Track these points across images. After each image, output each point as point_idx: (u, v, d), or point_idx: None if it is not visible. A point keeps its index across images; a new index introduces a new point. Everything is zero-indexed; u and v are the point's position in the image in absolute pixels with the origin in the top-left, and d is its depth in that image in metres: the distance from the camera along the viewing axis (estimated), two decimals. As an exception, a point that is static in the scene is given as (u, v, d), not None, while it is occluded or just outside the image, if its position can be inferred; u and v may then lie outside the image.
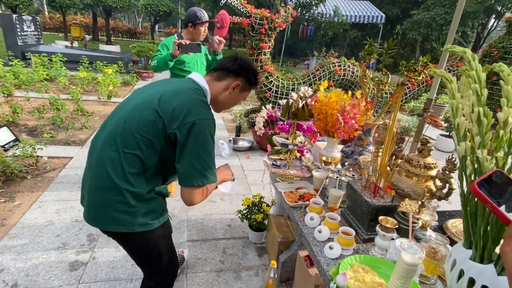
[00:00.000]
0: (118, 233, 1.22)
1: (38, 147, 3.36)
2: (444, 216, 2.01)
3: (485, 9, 12.59)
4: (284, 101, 1.95)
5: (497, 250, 0.88)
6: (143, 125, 1.14)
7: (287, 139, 2.00)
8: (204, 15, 2.72)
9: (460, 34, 13.40)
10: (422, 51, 15.85)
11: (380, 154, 1.47)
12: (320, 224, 1.44)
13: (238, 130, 4.84)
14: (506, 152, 0.81)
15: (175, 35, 2.81)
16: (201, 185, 1.18)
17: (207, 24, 2.79)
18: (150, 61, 2.72)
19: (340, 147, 2.10)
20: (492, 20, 14.50)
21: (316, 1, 14.10)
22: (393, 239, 1.24)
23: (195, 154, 1.15)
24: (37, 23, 10.37)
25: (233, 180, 1.54)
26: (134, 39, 23.98)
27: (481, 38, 14.53)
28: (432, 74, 0.87)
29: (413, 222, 1.26)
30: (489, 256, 0.86)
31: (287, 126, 2.13)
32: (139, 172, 1.16)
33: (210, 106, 1.31)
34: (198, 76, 1.31)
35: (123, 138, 1.15)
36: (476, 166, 0.85)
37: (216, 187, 1.38)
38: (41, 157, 3.53)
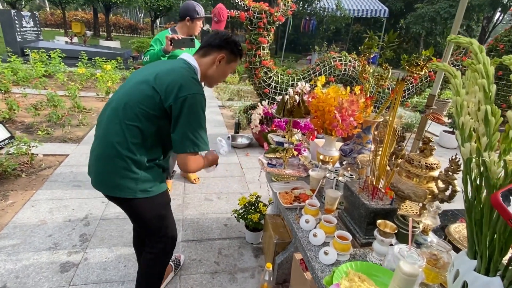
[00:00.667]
0: (121, 198, 1.36)
1: (33, 144, 3.31)
2: (447, 215, 1.93)
3: (491, 2, 12.34)
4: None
5: (505, 261, 0.81)
6: (142, 99, 1.29)
7: (284, 137, 1.92)
8: (202, 10, 2.66)
9: (464, 28, 13.16)
10: (426, 45, 15.62)
11: (379, 153, 1.39)
12: (315, 227, 1.37)
13: (237, 127, 4.76)
14: (516, 154, 0.73)
15: (169, 29, 2.74)
16: (193, 152, 1.33)
17: (203, 19, 2.71)
18: (143, 56, 2.64)
19: (339, 145, 2.03)
20: (498, 14, 14.23)
21: (318, -5, 13.90)
22: (392, 244, 1.17)
23: (187, 125, 1.29)
24: (36, 19, 10.30)
25: (216, 165, 1.70)
26: (135, 35, 23.88)
27: (487, 32, 14.28)
28: (435, 68, 0.79)
29: (414, 227, 1.19)
30: (495, 268, 0.79)
31: (284, 123, 2.05)
32: (140, 142, 1.31)
33: (203, 82, 1.49)
34: (188, 56, 1.44)
35: (125, 111, 1.29)
36: (482, 169, 0.77)
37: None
38: (36, 154, 3.48)
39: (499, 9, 13.60)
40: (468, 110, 0.80)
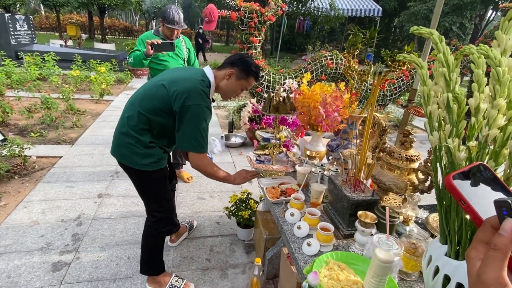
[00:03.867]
0: (128, 167, 1.65)
1: (26, 146, 3.32)
2: (435, 210, 1.96)
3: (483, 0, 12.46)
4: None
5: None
6: (156, 97, 1.55)
7: (273, 134, 1.95)
8: (174, 18, 2.60)
9: (458, 25, 13.27)
10: (420, 43, 15.72)
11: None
12: (300, 220, 1.39)
13: (231, 126, 4.78)
14: (480, 141, 0.76)
15: (152, 30, 2.77)
16: (194, 151, 1.57)
17: (179, 30, 2.70)
18: (127, 57, 2.66)
19: (326, 141, 2.05)
20: (490, 11, 14.36)
21: (312, -5, 13.95)
22: (372, 234, 1.20)
23: (189, 130, 1.52)
24: (31, 22, 10.29)
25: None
26: (131, 37, 23.83)
27: (479, 29, 14.40)
28: (402, 59, 0.81)
29: (394, 217, 1.21)
30: (464, 252, 0.82)
31: (272, 120, 2.07)
32: (147, 128, 1.59)
33: (219, 93, 1.72)
34: (209, 70, 1.65)
35: (141, 102, 1.58)
36: (448, 156, 0.80)
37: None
38: (30, 156, 3.49)
39: (491, 7, 13.72)
40: (436, 100, 0.83)
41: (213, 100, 1.75)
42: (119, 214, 2.65)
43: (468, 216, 0.78)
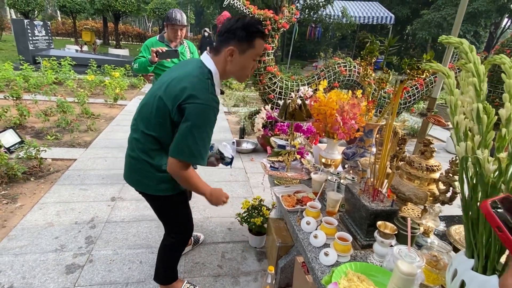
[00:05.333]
0: (144, 193, 1.54)
1: (42, 149, 3.39)
2: (453, 221, 1.91)
3: (498, 8, 12.27)
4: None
5: (502, 260, 0.81)
6: (155, 111, 1.34)
7: (287, 140, 1.94)
8: (177, 17, 2.64)
9: (472, 34, 13.09)
10: (433, 51, 15.55)
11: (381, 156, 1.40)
12: (316, 229, 1.38)
13: (242, 132, 4.79)
14: (510, 152, 0.74)
15: (157, 36, 2.82)
16: (185, 160, 1.32)
17: (183, 29, 2.74)
18: (132, 63, 2.71)
19: (341, 148, 2.03)
20: (506, 19, 14.13)
21: (323, 2, 13.99)
22: (392, 245, 1.17)
23: (188, 134, 1.27)
24: (48, 28, 10.59)
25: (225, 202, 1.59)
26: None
27: (494, 37, 14.17)
28: (427, 68, 0.80)
29: (414, 228, 1.19)
30: (492, 267, 0.79)
31: (286, 127, 2.07)
32: (158, 148, 1.41)
33: (231, 78, 1.51)
34: (206, 58, 1.37)
35: (142, 121, 1.41)
36: (477, 168, 0.78)
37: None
38: (45, 159, 3.56)
39: (507, 15, 13.51)
40: (463, 110, 0.82)
41: (222, 92, 1.52)
42: (132, 217, 2.67)
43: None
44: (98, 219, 2.62)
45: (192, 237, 2.35)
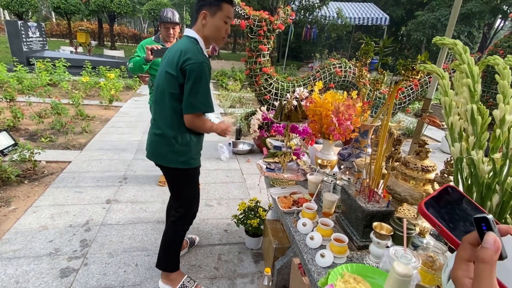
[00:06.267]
0: (164, 166, 1.76)
1: (36, 151, 3.35)
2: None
3: (491, 9, 12.40)
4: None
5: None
6: (167, 83, 1.58)
7: (283, 141, 1.94)
8: (168, 15, 2.68)
9: (466, 34, 13.21)
10: (427, 52, 15.65)
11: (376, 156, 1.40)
12: (312, 231, 1.37)
13: (238, 133, 4.78)
14: (504, 153, 0.74)
15: (152, 37, 2.84)
16: (196, 113, 1.59)
17: (175, 27, 2.75)
18: (128, 62, 2.71)
19: (337, 149, 2.03)
20: (499, 20, 14.29)
21: (318, 4, 14.04)
22: (388, 246, 1.17)
23: (193, 90, 1.53)
24: (42, 29, 10.50)
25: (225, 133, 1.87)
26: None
27: (488, 38, 14.32)
28: (423, 69, 0.80)
29: (410, 229, 1.19)
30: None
31: (282, 128, 2.06)
32: (179, 120, 1.62)
33: (212, 44, 1.68)
34: (188, 30, 1.64)
35: (161, 96, 1.63)
36: (472, 169, 0.78)
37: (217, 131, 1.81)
38: (39, 161, 3.52)
39: (500, 16, 13.66)
40: (457, 111, 0.82)
41: (210, 56, 1.74)
42: (127, 220, 2.65)
43: None
44: (93, 222, 2.59)
45: (187, 239, 2.35)
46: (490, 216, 0.38)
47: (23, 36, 9.28)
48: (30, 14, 13.10)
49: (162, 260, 1.92)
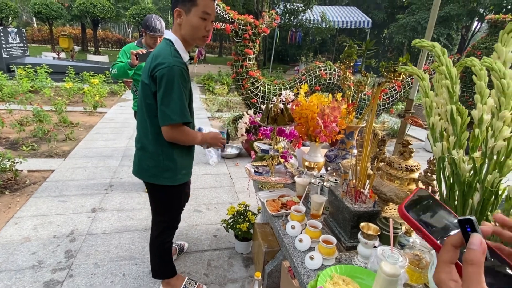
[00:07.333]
0: (150, 183, 1.66)
1: (17, 160, 3.25)
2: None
3: (468, 12, 12.84)
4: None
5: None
6: (143, 94, 1.49)
7: (270, 144, 1.94)
8: (156, 26, 2.66)
9: (445, 36, 13.61)
10: (409, 54, 16.04)
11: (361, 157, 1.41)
12: (301, 233, 1.37)
13: (227, 137, 4.76)
14: (484, 152, 0.76)
15: (135, 42, 2.80)
16: (171, 123, 1.44)
17: (161, 37, 2.74)
18: (111, 68, 2.67)
19: (324, 151, 2.05)
20: (476, 23, 14.80)
21: (303, 8, 14.22)
22: (375, 246, 1.18)
23: (164, 98, 1.41)
24: (23, 35, 10.23)
25: (224, 146, 1.83)
26: (124, 49, 23.80)
27: (466, 40, 14.80)
28: (403, 71, 0.82)
29: (396, 228, 1.20)
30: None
31: (269, 131, 2.07)
32: (160, 134, 1.49)
33: (192, 44, 1.55)
34: (167, 32, 1.54)
35: (141, 111, 1.54)
36: (453, 168, 0.80)
37: (208, 147, 1.75)
38: (21, 171, 3.41)
39: (477, 19, 14.15)
40: (438, 111, 0.84)
41: (191, 58, 1.66)
42: (114, 229, 2.59)
43: None
44: (78, 231, 2.52)
45: (176, 246, 2.32)
46: (473, 218, 0.38)
47: (3, 42, 9.01)
48: (10, 19, 12.77)
49: (158, 271, 1.90)
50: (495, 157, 0.74)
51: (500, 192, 0.75)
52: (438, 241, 0.44)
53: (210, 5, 1.43)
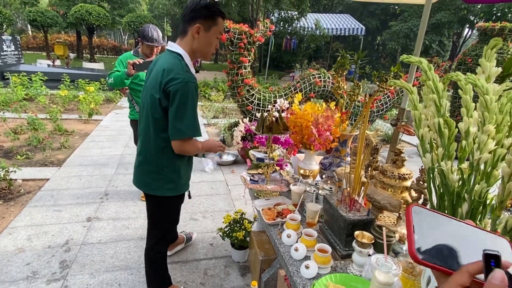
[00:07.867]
0: (149, 195, 1.67)
1: (11, 169, 3.23)
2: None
3: (459, 19, 13.11)
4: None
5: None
6: (150, 107, 1.47)
7: (266, 153, 1.96)
8: (153, 36, 2.68)
9: (437, 43, 13.86)
10: (403, 62, 16.28)
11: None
12: (297, 242, 1.39)
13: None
14: (471, 163, 0.79)
15: (131, 51, 2.81)
16: (183, 138, 1.48)
17: (158, 46, 2.76)
18: (107, 78, 2.68)
19: (319, 158, 2.08)
20: (467, 30, 15.10)
21: (297, 15, 14.40)
22: (370, 255, 1.20)
23: (177, 114, 1.42)
24: (18, 42, 10.20)
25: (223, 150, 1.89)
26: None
27: (457, 46, 15.07)
28: (393, 85, 0.85)
29: (390, 236, 1.22)
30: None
31: (265, 139, 2.09)
32: (164, 145, 1.51)
33: (199, 57, 1.58)
34: (172, 44, 1.51)
35: (145, 121, 1.53)
36: (442, 178, 0.82)
37: (203, 155, 1.88)
38: (15, 180, 3.38)
39: (467, 26, 14.45)
40: (427, 123, 0.86)
41: (197, 71, 1.69)
42: (109, 238, 2.58)
43: None
44: (73, 241, 2.50)
45: (184, 235, 2.48)
46: (500, 254, 0.39)
47: (-3, 49, 8.99)
48: (4, 27, 12.74)
49: (153, 281, 1.90)
50: (482, 168, 0.76)
51: (488, 202, 0.78)
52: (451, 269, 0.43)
53: (223, 26, 1.57)
